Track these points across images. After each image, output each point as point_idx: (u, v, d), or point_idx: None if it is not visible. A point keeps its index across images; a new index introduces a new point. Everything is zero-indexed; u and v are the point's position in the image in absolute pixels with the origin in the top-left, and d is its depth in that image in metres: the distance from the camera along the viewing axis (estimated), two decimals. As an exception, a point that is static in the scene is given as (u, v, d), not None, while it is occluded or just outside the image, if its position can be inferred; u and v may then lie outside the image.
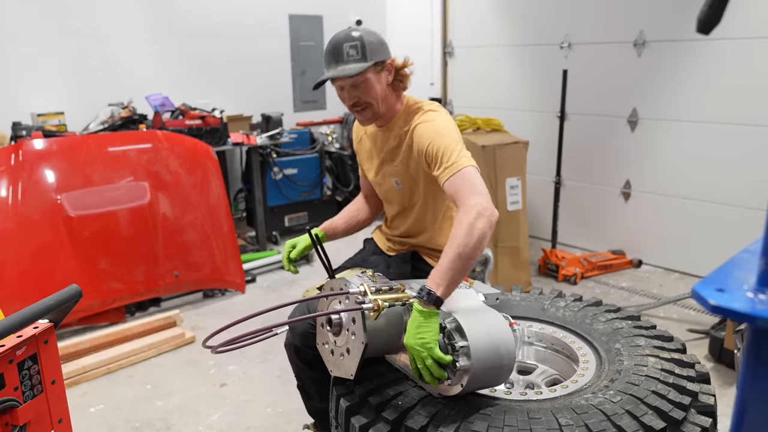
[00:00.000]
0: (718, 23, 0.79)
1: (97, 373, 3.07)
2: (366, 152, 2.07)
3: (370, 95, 1.82)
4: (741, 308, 0.65)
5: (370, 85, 1.81)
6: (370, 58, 1.79)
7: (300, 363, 2.00)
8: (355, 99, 1.82)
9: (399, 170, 1.92)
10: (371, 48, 1.79)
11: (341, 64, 1.78)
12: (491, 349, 1.33)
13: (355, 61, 1.77)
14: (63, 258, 3.38)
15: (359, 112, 1.85)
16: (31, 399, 1.33)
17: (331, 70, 1.79)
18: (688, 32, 4.01)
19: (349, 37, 1.79)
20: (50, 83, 4.32)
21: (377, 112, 1.86)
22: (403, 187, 1.94)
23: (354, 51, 1.76)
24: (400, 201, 2.00)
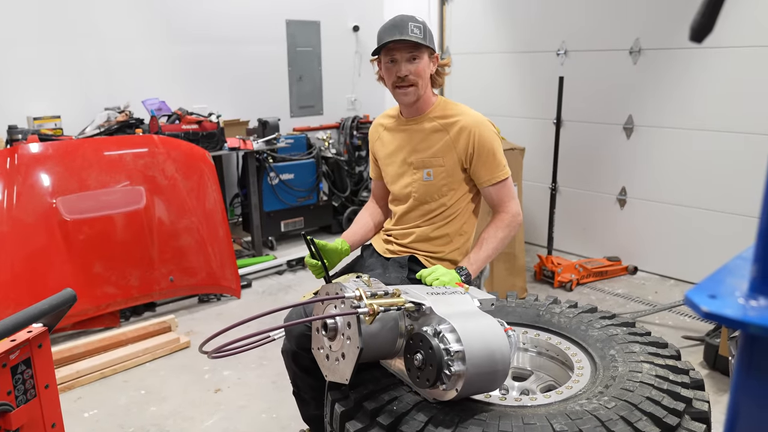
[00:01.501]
0: (711, 32, 0.79)
1: (91, 378, 3.06)
2: (387, 148, 2.10)
3: (419, 74, 1.92)
4: (733, 314, 0.65)
5: (423, 65, 1.92)
6: (429, 42, 1.92)
7: (297, 369, 1.99)
8: (407, 72, 1.90)
9: (434, 161, 1.97)
10: (429, 35, 1.94)
11: (405, 36, 1.87)
12: (486, 354, 1.33)
13: (417, 38, 1.88)
14: (58, 262, 3.37)
15: (405, 88, 1.93)
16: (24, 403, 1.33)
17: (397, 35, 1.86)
18: (683, 40, 4.04)
19: (413, 18, 1.92)
20: (46, 87, 4.32)
21: (419, 94, 1.95)
22: (433, 179, 1.98)
23: (417, 30, 1.89)
24: (423, 195, 2.01)
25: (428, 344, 1.32)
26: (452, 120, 1.97)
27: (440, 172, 1.98)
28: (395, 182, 2.10)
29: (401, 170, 2.06)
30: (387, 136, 2.11)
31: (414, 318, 1.43)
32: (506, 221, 2.00)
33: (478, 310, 1.48)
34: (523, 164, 4.03)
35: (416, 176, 2.01)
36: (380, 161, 2.16)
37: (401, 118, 2.08)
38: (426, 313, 1.40)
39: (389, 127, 2.13)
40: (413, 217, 2.07)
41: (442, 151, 1.97)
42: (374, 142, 2.18)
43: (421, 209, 2.05)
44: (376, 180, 2.24)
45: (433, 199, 2.01)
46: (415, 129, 2.02)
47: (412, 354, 1.37)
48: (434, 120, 1.99)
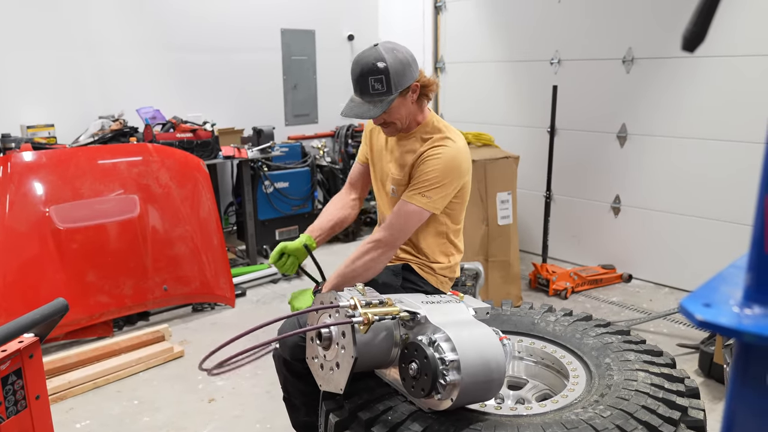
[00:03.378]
0: (703, 41, 0.80)
1: (84, 388, 3.03)
2: (378, 146, 2.11)
3: (395, 117, 1.89)
4: (727, 323, 0.65)
5: (396, 110, 1.87)
6: (395, 89, 1.82)
7: (288, 374, 1.98)
8: (380, 121, 1.91)
9: (399, 180, 1.98)
10: (396, 79, 1.81)
11: (366, 97, 1.83)
12: (481, 363, 1.33)
13: (380, 94, 1.81)
14: (50, 271, 3.34)
15: (384, 127, 1.95)
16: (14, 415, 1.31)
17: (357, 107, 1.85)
18: (676, 50, 4.07)
19: (374, 69, 1.80)
20: (40, 95, 4.31)
21: (399, 129, 1.94)
22: (397, 196, 1.99)
23: (379, 85, 1.80)
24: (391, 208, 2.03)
25: (423, 353, 1.32)
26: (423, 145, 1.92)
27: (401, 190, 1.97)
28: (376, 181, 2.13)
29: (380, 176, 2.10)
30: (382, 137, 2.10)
31: (409, 327, 1.43)
32: (370, 246, 1.89)
33: (473, 319, 1.48)
34: (517, 172, 4.04)
35: (388, 189, 2.05)
36: (367, 153, 2.17)
37: None
38: (421, 322, 1.39)
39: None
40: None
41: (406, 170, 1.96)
42: (369, 130, 2.16)
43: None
44: (361, 163, 2.21)
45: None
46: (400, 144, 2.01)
47: (407, 363, 1.36)
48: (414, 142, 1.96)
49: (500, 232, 3.92)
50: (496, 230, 3.91)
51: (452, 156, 1.88)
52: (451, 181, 1.87)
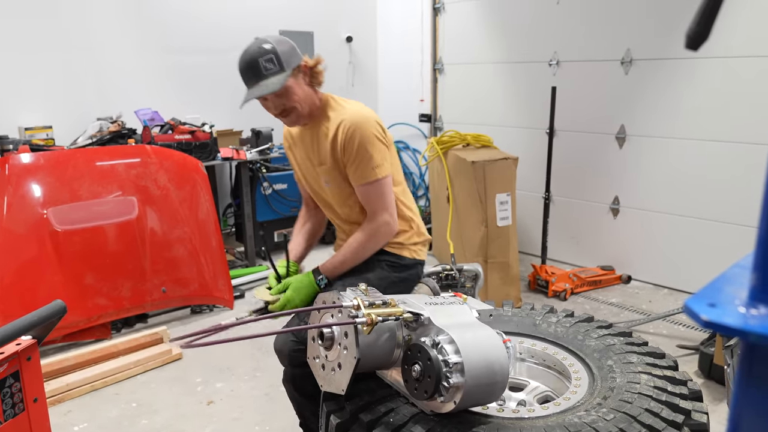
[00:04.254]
0: (707, 39, 0.79)
1: (82, 391, 3.01)
2: (300, 155, 2.08)
3: (294, 100, 1.88)
4: (733, 323, 0.64)
5: (293, 91, 1.87)
6: (287, 66, 1.85)
7: (300, 398, 1.97)
8: (281, 107, 1.89)
9: (325, 168, 1.96)
10: (285, 57, 1.85)
11: (261, 80, 1.82)
12: (485, 366, 1.32)
13: (274, 74, 1.82)
14: (48, 273, 3.33)
15: (285, 117, 1.93)
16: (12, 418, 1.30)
17: (255, 89, 1.83)
18: (674, 51, 4.08)
19: (262, 51, 1.83)
20: (38, 97, 4.30)
21: (301, 114, 1.93)
22: (331, 185, 1.99)
23: (271, 64, 1.82)
24: (336, 200, 2.04)
25: (426, 355, 1.31)
26: (336, 122, 1.95)
27: (333, 179, 1.98)
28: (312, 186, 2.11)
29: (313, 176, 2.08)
30: (299, 144, 2.10)
31: (412, 328, 1.42)
32: (372, 230, 1.93)
33: (476, 321, 1.47)
34: (516, 174, 4.04)
35: (321, 183, 2.04)
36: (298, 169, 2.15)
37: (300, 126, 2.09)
38: (424, 324, 1.38)
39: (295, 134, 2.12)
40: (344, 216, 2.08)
41: (331, 158, 1.96)
42: (288, 148, 2.18)
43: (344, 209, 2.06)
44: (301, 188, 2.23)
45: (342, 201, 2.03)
46: (311, 135, 2.03)
47: (410, 365, 1.35)
48: (323, 124, 1.99)
49: (499, 234, 3.92)
50: (495, 231, 3.90)
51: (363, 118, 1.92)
52: (376, 141, 1.91)
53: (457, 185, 4.12)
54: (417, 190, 6.22)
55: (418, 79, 5.93)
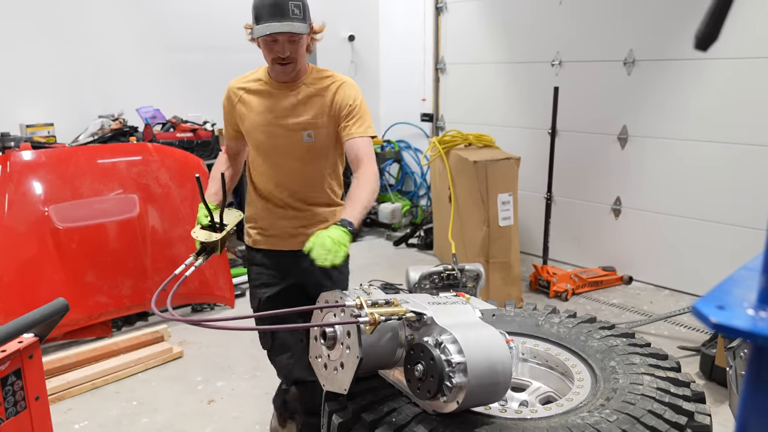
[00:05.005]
0: (716, 40, 0.79)
1: (82, 389, 3.01)
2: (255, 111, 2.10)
3: (299, 52, 1.99)
4: (742, 326, 0.63)
5: (303, 43, 1.98)
6: (308, 19, 1.97)
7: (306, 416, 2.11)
8: (288, 53, 1.95)
9: (314, 123, 2.06)
10: (307, 10, 1.98)
11: (287, 20, 1.90)
12: (488, 366, 1.31)
13: (299, 20, 1.92)
14: (49, 271, 3.32)
15: (285, 65, 1.99)
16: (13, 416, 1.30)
17: (280, 24, 1.89)
18: (677, 52, 4.07)
19: None
20: (40, 94, 4.29)
21: (296, 67, 2.02)
22: (314, 140, 2.07)
23: (298, 10, 1.92)
24: (303, 155, 2.08)
25: (429, 355, 1.30)
26: (326, 84, 2.07)
27: (321, 133, 2.07)
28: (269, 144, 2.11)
29: (279, 132, 2.08)
30: (254, 100, 2.11)
31: (415, 328, 1.41)
32: (371, 177, 2.02)
33: (479, 321, 1.46)
34: (518, 174, 4.03)
35: (294, 137, 2.07)
36: (247, 124, 2.14)
37: (273, 83, 2.09)
38: (427, 323, 1.38)
39: (255, 90, 2.12)
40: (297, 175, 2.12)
41: (320, 114, 2.06)
42: (234, 105, 2.16)
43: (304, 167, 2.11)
44: (230, 139, 2.27)
45: (314, 156, 2.10)
46: (291, 94, 2.06)
47: (413, 365, 1.35)
48: (310, 85, 2.07)
49: (501, 234, 3.91)
50: (497, 231, 3.90)
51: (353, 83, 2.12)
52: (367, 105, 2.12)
53: (459, 185, 4.11)
54: (418, 190, 6.22)
55: (420, 78, 5.92)
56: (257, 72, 2.17)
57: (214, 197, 2.14)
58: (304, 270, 2.09)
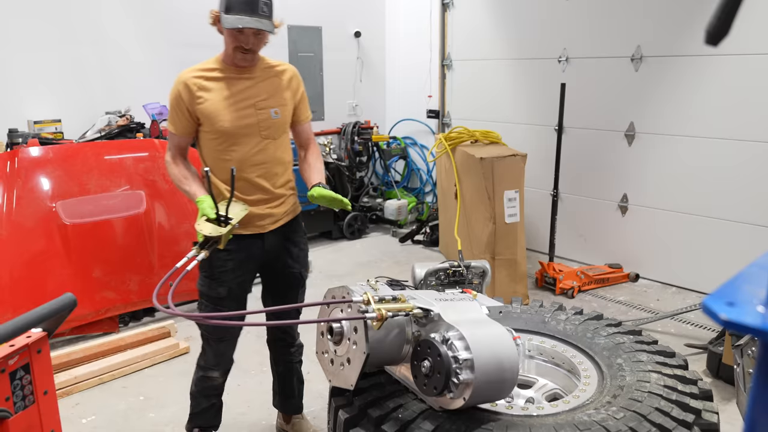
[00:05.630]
0: (727, 35, 0.78)
1: (90, 384, 3.03)
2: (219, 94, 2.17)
3: (261, 45, 2.16)
4: (752, 323, 0.63)
5: (265, 38, 2.15)
6: (273, 16, 2.13)
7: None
8: (254, 46, 2.12)
9: (280, 101, 2.22)
10: (273, 8, 2.13)
11: (256, 17, 2.05)
12: (495, 363, 1.31)
13: (266, 17, 2.08)
14: (57, 266, 3.34)
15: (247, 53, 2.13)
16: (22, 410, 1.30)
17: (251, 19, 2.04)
18: (685, 48, 4.04)
19: None
20: (47, 91, 4.30)
21: (255, 57, 2.19)
22: (280, 117, 2.22)
23: (266, 8, 2.09)
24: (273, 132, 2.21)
25: (436, 351, 1.30)
26: (279, 68, 2.27)
27: (284, 110, 2.24)
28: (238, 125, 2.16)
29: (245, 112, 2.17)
30: (215, 85, 2.18)
31: (421, 324, 1.41)
32: (318, 150, 2.41)
33: (486, 318, 1.46)
34: (524, 171, 4.02)
35: (263, 116, 2.19)
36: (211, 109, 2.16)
37: (231, 69, 2.19)
38: (434, 320, 1.38)
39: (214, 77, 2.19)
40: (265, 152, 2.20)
41: (282, 93, 2.24)
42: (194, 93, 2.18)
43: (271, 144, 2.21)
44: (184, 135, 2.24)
45: (278, 135, 2.24)
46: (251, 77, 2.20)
47: (420, 361, 1.35)
48: (265, 69, 2.24)
49: (507, 231, 3.90)
50: (503, 228, 3.89)
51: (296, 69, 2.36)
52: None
53: (465, 182, 4.11)
54: (424, 187, 6.21)
55: (427, 75, 5.91)
56: (208, 62, 2.25)
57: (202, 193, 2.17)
58: (268, 250, 2.26)
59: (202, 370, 2.35)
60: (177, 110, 2.21)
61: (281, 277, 2.36)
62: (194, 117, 2.19)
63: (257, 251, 2.25)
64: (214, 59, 2.25)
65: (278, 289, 2.39)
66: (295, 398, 2.62)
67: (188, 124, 2.21)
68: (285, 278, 2.37)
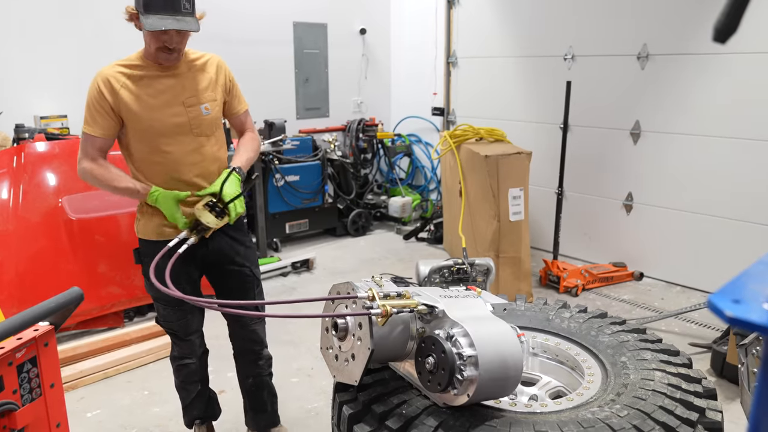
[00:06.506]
0: (735, 32, 0.78)
1: (95, 378, 3.05)
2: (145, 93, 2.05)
3: (185, 43, 2.06)
4: (758, 320, 0.63)
5: (188, 35, 2.05)
6: (195, 12, 2.02)
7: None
8: (177, 44, 2.01)
9: (208, 96, 2.14)
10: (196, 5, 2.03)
11: (179, 15, 1.95)
12: (499, 359, 1.31)
13: (189, 14, 1.98)
14: (62, 261, 3.36)
15: (171, 53, 2.03)
16: (29, 402, 1.31)
17: (175, 21, 1.93)
18: (692, 46, 4.02)
19: None
20: (54, 86, 4.32)
21: (180, 55, 2.08)
22: (211, 113, 2.14)
23: (188, 4, 1.98)
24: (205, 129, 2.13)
25: (441, 348, 1.30)
26: (203, 60, 2.17)
27: (214, 105, 2.15)
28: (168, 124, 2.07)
29: (174, 110, 2.07)
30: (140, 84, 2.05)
31: (426, 321, 1.42)
32: (256, 138, 2.35)
33: (491, 315, 1.46)
34: (529, 168, 4.01)
35: (193, 113, 2.10)
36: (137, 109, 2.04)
37: (154, 66, 2.08)
38: (438, 316, 1.38)
39: (138, 76, 2.07)
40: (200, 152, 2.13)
41: (211, 88, 2.15)
42: (117, 92, 2.03)
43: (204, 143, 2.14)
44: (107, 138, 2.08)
45: (212, 131, 2.16)
46: (177, 73, 2.10)
47: (424, 357, 1.35)
48: (191, 63, 2.14)
49: (511, 229, 3.90)
50: (508, 226, 3.89)
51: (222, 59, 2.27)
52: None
53: (470, 179, 4.10)
54: (429, 184, 6.21)
55: (432, 72, 5.90)
56: (131, 58, 2.13)
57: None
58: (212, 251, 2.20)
59: (177, 360, 2.40)
60: (98, 109, 2.03)
61: (232, 279, 2.29)
62: (118, 116, 2.04)
63: (200, 253, 2.17)
64: (137, 54, 2.13)
65: (231, 291, 2.31)
66: (268, 412, 2.50)
67: (111, 124, 2.04)
68: (237, 279, 2.29)
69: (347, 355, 1.43)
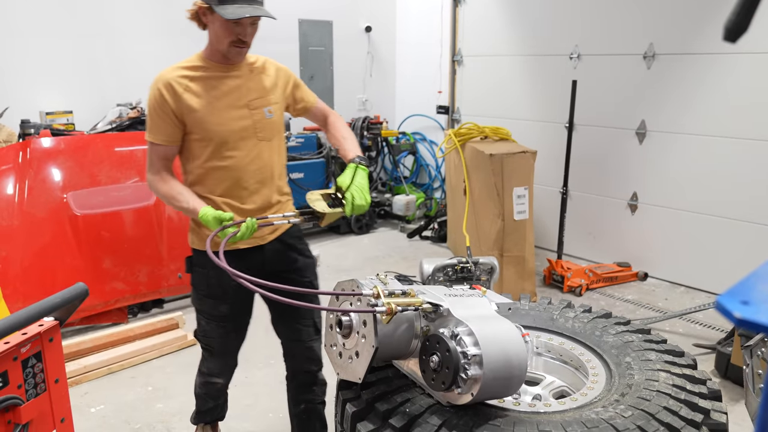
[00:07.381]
0: (746, 32, 0.77)
1: (99, 374, 3.06)
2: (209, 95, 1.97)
3: (254, 35, 2.03)
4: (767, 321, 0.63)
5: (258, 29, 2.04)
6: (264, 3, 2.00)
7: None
8: (250, 36, 1.99)
9: (270, 99, 2.08)
10: None
11: (255, 5, 1.93)
12: (503, 359, 1.31)
13: (262, 4, 1.97)
14: (67, 257, 3.37)
15: (242, 47, 2.00)
16: (34, 397, 1.32)
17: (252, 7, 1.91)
18: (698, 45, 4.00)
19: None
20: (59, 82, 4.33)
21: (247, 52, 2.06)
22: (274, 116, 2.08)
23: None
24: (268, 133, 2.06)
25: (445, 346, 1.30)
26: (261, 62, 2.13)
27: (277, 108, 2.10)
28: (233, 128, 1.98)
29: (240, 113, 2.00)
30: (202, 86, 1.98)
31: (430, 319, 1.41)
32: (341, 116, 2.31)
33: (495, 314, 1.46)
34: (534, 168, 4.00)
35: (257, 116, 2.03)
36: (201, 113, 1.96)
37: (216, 66, 2.01)
38: (443, 315, 1.38)
39: (200, 77, 1.99)
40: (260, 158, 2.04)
41: (272, 90, 2.10)
42: (180, 96, 1.96)
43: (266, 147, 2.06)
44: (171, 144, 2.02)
45: (273, 135, 2.09)
46: (239, 74, 2.04)
47: (428, 356, 1.35)
48: (251, 65, 2.09)
49: (516, 228, 3.89)
50: (512, 225, 3.88)
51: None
52: None
53: (474, 178, 4.10)
54: (433, 182, 6.20)
55: (437, 70, 5.89)
56: (191, 60, 2.07)
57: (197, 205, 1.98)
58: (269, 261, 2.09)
59: (204, 376, 2.25)
60: (160, 114, 1.97)
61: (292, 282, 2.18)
62: (181, 121, 1.96)
63: (257, 264, 2.05)
64: (197, 56, 2.06)
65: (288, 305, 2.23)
66: None
67: (174, 130, 1.98)
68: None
69: (351, 352, 1.43)
